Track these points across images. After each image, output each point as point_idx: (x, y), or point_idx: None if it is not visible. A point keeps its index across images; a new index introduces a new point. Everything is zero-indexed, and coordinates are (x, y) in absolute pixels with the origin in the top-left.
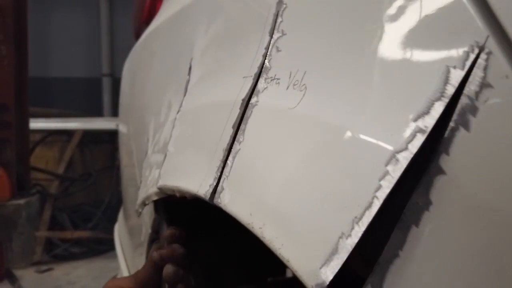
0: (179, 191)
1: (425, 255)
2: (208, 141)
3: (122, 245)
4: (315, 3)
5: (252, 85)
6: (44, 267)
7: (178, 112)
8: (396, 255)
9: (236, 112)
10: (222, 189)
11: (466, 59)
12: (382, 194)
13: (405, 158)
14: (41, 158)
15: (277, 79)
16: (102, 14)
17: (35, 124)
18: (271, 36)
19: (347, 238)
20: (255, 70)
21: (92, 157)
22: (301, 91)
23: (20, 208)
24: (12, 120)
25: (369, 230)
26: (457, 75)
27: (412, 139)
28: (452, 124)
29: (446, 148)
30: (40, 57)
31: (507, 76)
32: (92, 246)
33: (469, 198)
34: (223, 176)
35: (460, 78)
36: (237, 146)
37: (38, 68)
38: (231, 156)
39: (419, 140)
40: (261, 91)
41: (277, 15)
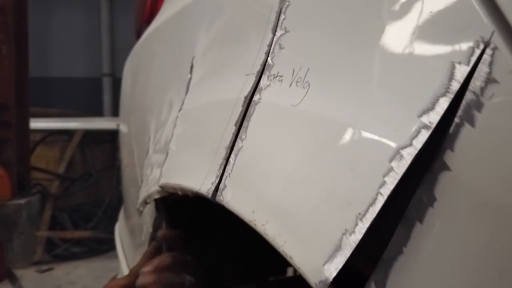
0: (181, 189)
1: (429, 251)
2: (210, 139)
3: (123, 244)
4: (318, 0)
5: (254, 83)
6: (45, 267)
7: (179, 110)
8: (400, 252)
9: (239, 109)
10: (225, 186)
11: (472, 55)
12: (386, 191)
13: (409, 154)
14: (41, 158)
15: (280, 76)
16: (103, 13)
17: (35, 124)
18: (274, 33)
19: (350, 235)
20: (257, 68)
21: (93, 157)
22: (304, 88)
23: (20, 208)
24: (12, 120)
25: (372, 226)
26: (462, 70)
27: (417, 135)
28: (457, 120)
29: (451, 144)
30: (41, 57)
31: None
32: (92, 246)
33: (474, 194)
34: (226, 174)
35: (465, 74)
36: (239, 144)
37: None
38: (233, 153)
39: (424, 136)
40: (263, 88)
41: (280, 12)
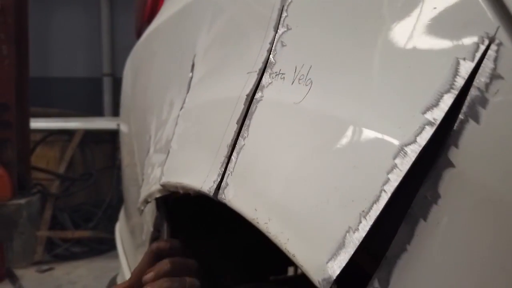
0: (183, 187)
1: (434, 249)
2: (212, 137)
3: (124, 244)
4: None
5: (256, 81)
6: (45, 267)
7: (181, 109)
8: (404, 250)
9: (241, 107)
10: (226, 185)
11: (476, 51)
12: (390, 188)
13: (413, 151)
14: (42, 157)
15: (282, 74)
16: (103, 13)
17: (35, 124)
18: (276, 31)
19: (354, 232)
20: (259, 66)
21: (93, 157)
22: (306, 85)
23: (21, 208)
24: (13, 119)
25: (376, 224)
26: (467, 66)
27: (421, 132)
28: (462, 116)
29: (455, 141)
30: (41, 57)
31: None
32: (93, 246)
33: (479, 191)
34: (227, 172)
35: (470, 70)
36: (241, 142)
37: (38, 68)
38: (235, 151)
39: (428, 132)
40: (265, 86)
41: (282, 10)
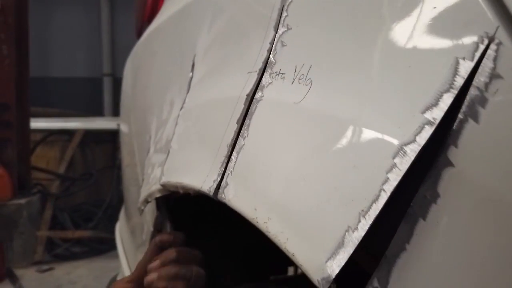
0: (183, 187)
1: (433, 248)
2: (212, 137)
3: (124, 244)
4: None
5: (256, 80)
6: (45, 267)
7: (181, 109)
8: (403, 249)
9: (241, 107)
10: (226, 184)
11: (476, 50)
12: (389, 187)
13: (412, 151)
14: (42, 157)
15: (282, 73)
16: (103, 13)
17: (36, 123)
18: (276, 31)
19: (353, 232)
20: (259, 65)
21: (93, 157)
22: (306, 85)
23: (21, 208)
24: (13, 119)
25: (376, 223)
26: (466, 66)
27: (420, 131)
28: (461, 116)
29: (454, 140)
30: (41, 57)
31: None
32: (93, 246)
33: (478, 191)
34: (227, 172)
35: (470, 69)
36: (241, 141)
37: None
38: (235, 151)
39: (427, 132)
40: (266, 86)
41: (282, 10)
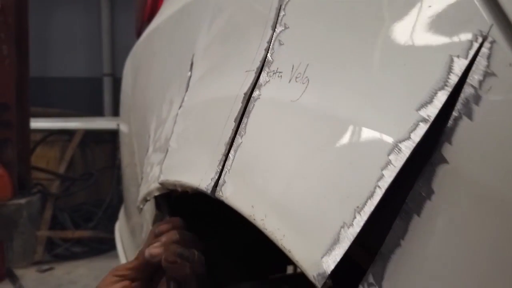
0: (181, 185)
1: (427, 244)
2: (210, 136)
3: (123, 244)
4: None
5: (254, 79)
6: (45, 267)
7: (179, 108)
8: (398, 245)
9: (238, 106)
10: (224, 182)
11: (470, 48)
12: (384, 184)
13: (407, 148)
14: (42, 157)
15: (280, 72)
16: (103, 13)
17: (36, 123)
18: (274, 30)
19: (348, 228)
20: (257, 64)
21: (93, 157)
22: (303, 83)
23: (21, 208)
24: (13, 119)
25: (371, 219)
26: (461, 64)
27: (415, 129)
28: (455, 113)
29: (449, 138)
30: (41, 57)
31: (511, 64)
32: (93, 246)
33: (472, 188)
34: (225, 170)
35: (464, 67)
36: (239, 140)
37: (38, 68)
38: (232, 149)
39: (422, 129)
40: (263, 84)
41: (280, 9)
